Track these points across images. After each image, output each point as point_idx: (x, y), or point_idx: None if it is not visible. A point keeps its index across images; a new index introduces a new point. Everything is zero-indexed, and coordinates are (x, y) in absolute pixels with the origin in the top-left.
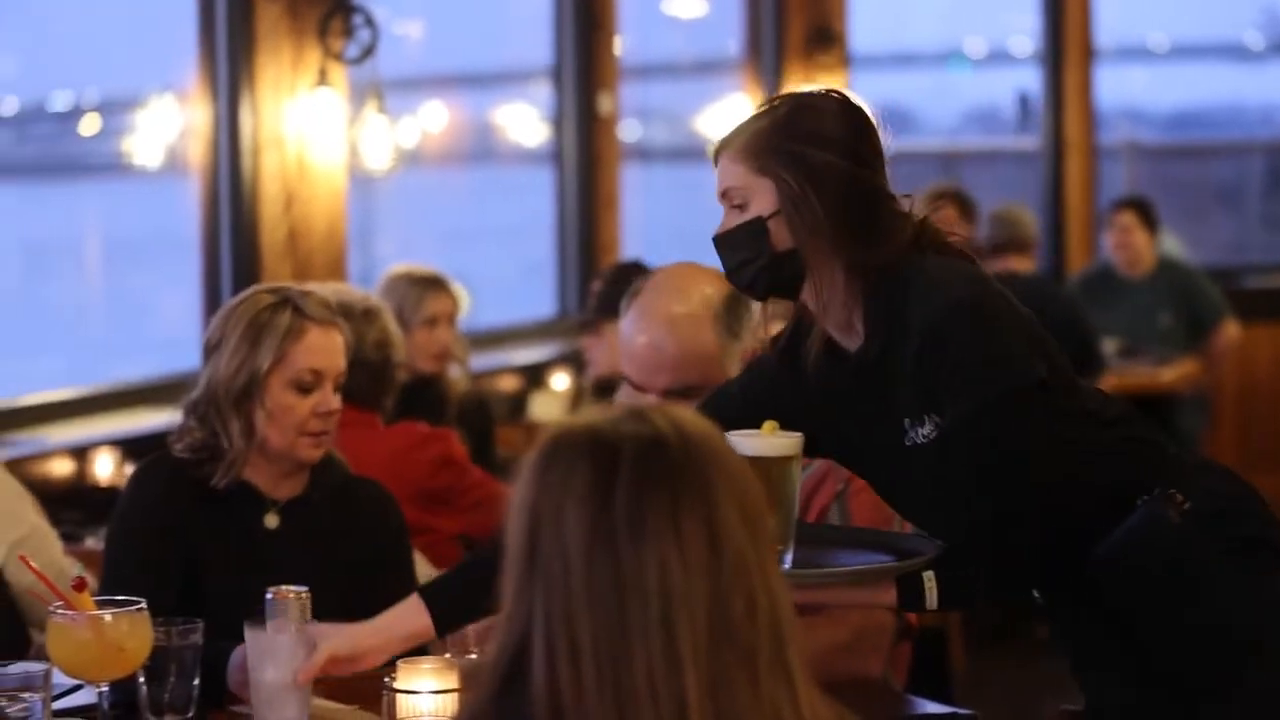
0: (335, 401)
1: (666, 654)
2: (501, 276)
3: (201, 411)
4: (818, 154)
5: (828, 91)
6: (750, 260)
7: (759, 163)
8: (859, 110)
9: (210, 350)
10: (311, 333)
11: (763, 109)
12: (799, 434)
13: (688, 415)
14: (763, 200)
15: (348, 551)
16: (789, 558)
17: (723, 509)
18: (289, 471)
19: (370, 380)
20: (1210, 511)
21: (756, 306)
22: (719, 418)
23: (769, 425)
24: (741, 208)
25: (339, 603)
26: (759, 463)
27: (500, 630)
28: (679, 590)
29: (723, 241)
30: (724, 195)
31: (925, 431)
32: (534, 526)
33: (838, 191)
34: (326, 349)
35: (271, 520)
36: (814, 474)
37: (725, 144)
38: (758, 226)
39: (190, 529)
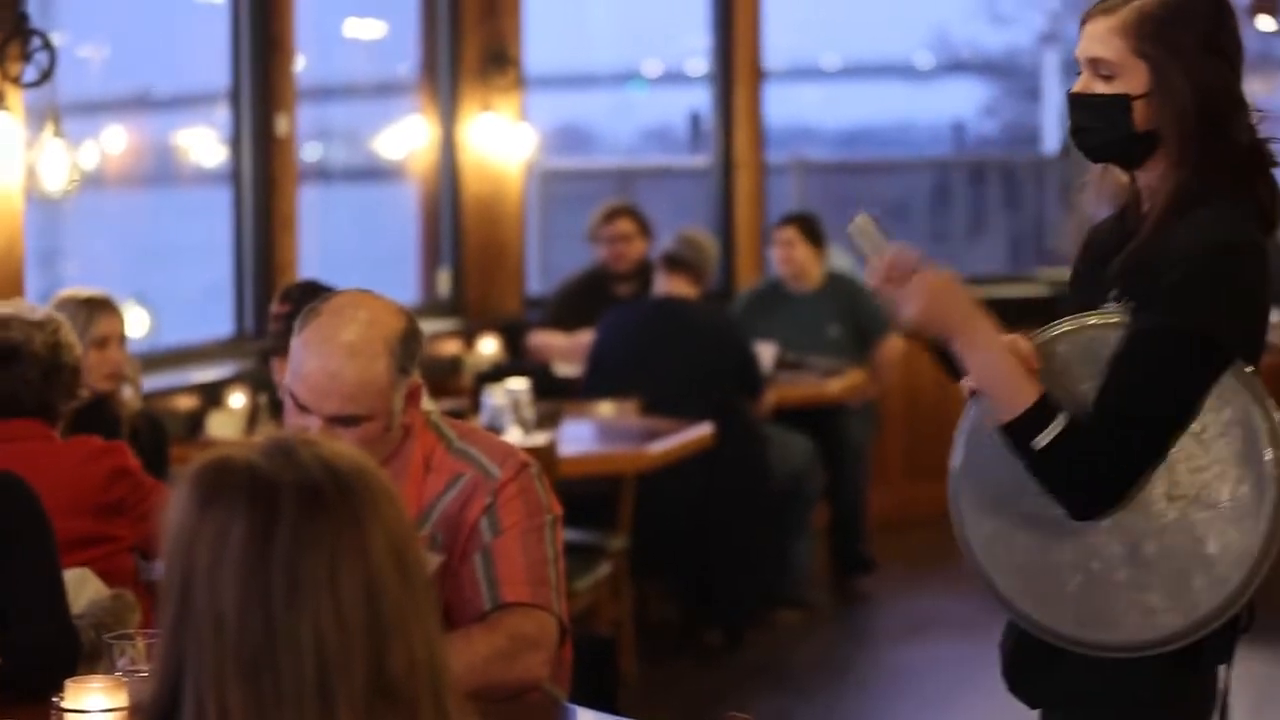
0: None
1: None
2: (185, 296)
3: None
4: (1197, 48)
5: None
6: (1103, 129)
7: (1140, 45)
8: (1228, 2)
9: None
10: None
11: None
12: None
13: (340, 453)
14: (1134, 80)
15: None
16: None
17: (378, 561)
18: None
19: (43, 381)
20: None
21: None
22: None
23: None
24: (1108, 78)
25: None
26: None
27: (154, 673)
28: (335, 653)
29: (1080, 102)
30: (1091, 61)
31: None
32: (188, 576)
33: (1208, 87)
34: None
35: None
36: (463, 488)
37: (1104, 11)
38: (1122, 103)
39: None
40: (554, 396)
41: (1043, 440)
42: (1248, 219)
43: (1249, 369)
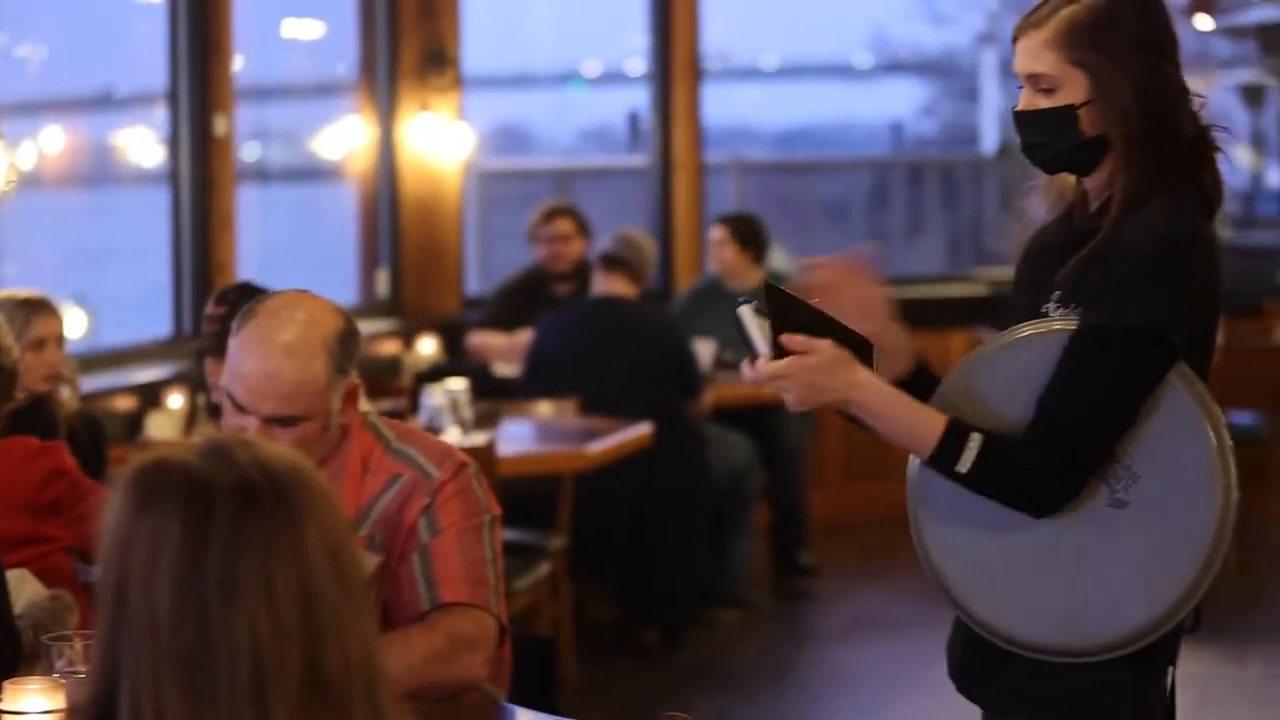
0: None
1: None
2: (123, 297)
3: None
4: (1130, 48)
5: None
6: (1051, 143)
7: (1073, 54)
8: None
9: None
10: None
11: None
12: None
13: (276, 454)
14: (1074, 90)
15: None
16: None
17: (313, 562)
18: None
19: None
20: None
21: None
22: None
23: None
24: (1049, 91)
25: None
26: None
27: (90, 675)
28: (270, 653)
29: (1026, 119)
30: (1030, 77)
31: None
32: (124, 577)
33: (1147, 85)
34: None
35: None
36: (401, 489)
37: (1033, 25)
38: (1068, 114)
39: None
40: (493, 396)
41: (964, 465)
42: (1194, 210)
43: (1200, 367)
